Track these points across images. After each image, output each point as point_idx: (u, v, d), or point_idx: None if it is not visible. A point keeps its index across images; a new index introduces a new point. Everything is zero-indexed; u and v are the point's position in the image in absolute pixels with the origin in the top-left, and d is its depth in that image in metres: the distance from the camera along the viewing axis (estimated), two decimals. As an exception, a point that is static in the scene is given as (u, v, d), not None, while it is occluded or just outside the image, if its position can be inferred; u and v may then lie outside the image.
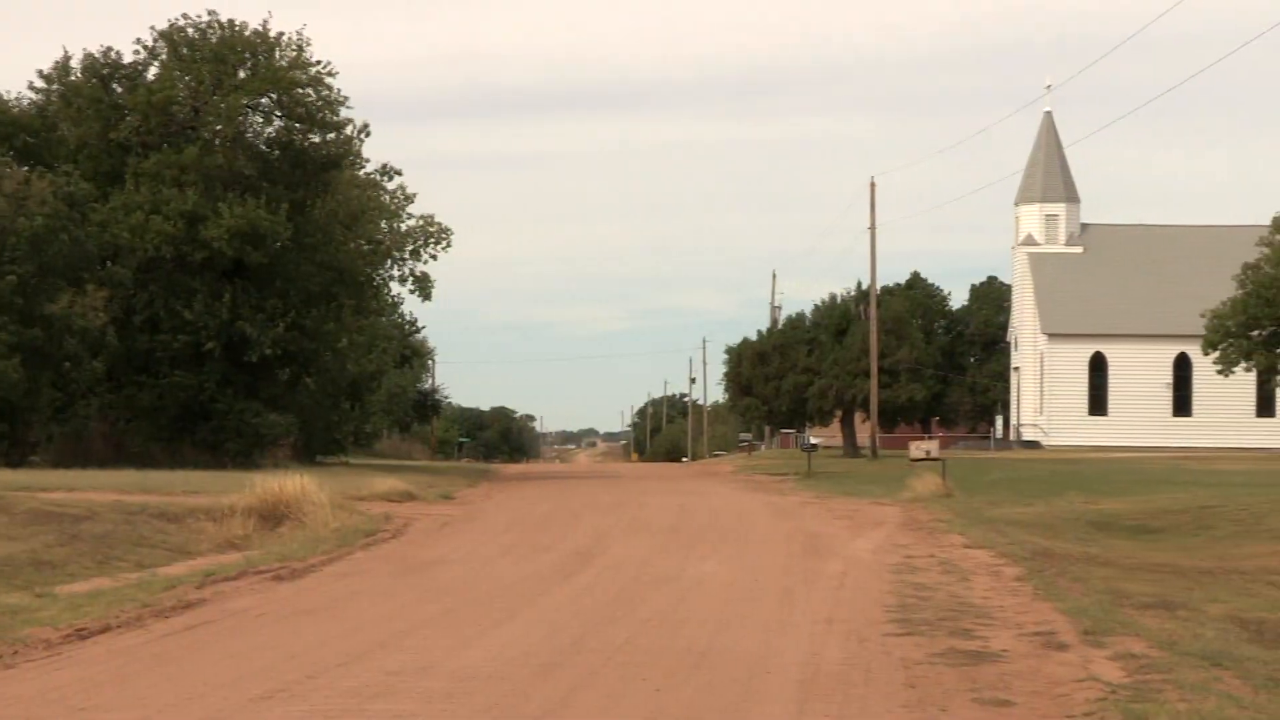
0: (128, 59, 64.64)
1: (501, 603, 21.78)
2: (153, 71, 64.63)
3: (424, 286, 78.88)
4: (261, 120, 65.30)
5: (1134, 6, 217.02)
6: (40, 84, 64.92)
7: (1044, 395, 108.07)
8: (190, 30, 64.48)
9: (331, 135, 65.53)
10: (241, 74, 63.92)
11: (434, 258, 78.64)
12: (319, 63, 64.22)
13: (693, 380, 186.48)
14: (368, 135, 66.95)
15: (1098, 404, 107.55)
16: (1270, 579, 27.13)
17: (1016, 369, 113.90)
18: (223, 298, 61.83)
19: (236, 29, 64.32)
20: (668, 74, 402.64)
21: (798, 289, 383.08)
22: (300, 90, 63.82)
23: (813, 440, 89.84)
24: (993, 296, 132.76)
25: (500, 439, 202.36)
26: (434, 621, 19.87)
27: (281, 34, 64.28)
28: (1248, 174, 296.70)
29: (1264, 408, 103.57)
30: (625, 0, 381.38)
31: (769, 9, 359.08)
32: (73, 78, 64.37)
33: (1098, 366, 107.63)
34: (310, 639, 18.55)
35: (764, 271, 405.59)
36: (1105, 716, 13.80)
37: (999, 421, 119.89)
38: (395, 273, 78.97)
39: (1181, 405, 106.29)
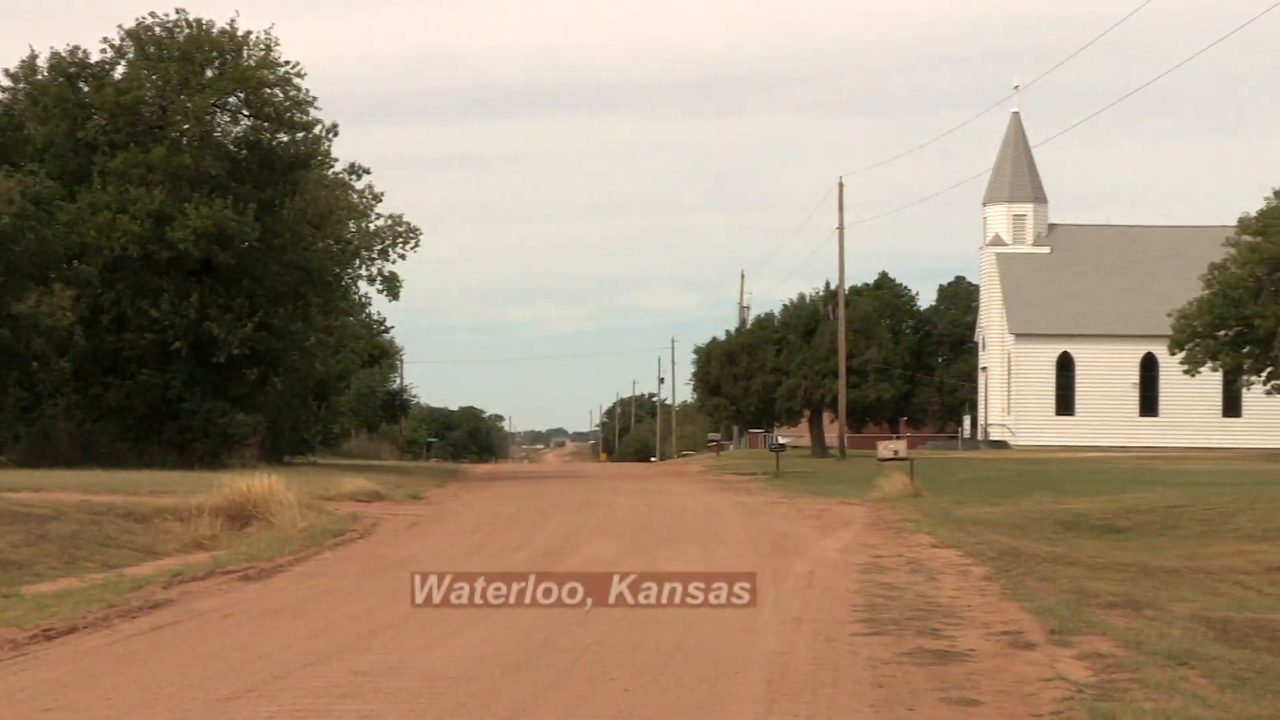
0: (95, 58, 64.55)
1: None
2: (120, 70, 64.45)
3: (392, 286, 78.85)
4: (229, 120, 65.22)
5: (1101, 8, 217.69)
6: (6, 83, 64.83)
7: (1011, 395, 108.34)
8: (158, 29, 64.35)
9: (300, 135, 65.43)
10: (209, 73, 63.77)
11: (402, 257, 78.67)
12: (287, 62, 64.22)
13: (661, 380, 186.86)
14: (336, 135, 66.98)
15: (1065, 404, 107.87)
16: (1236, 578, 27.26)
17: (984, 369, 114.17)
18: (190, 297, 61.69)
19: (204, 28, 64.18)
20: (636, 73, 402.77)
21: (766, 289, 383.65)
22: (268, 90, 63.71)
23: (781, 440, 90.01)
24: (961, 296, 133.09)
25: (469, 439, 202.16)
26: (402, 622, 19.84)
27: (249, 33, 64.28)
28: (1214, 175, 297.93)
29: (1230, 408, 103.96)
30: (592, 0, 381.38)
31: (737, 9, 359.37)
32: (39, 77, 64.17)
33: (1065, 366, 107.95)
34: (278, 639, 18.52)
35: (732, 272, 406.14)
36: (1072, 715, 13.85)
37: (967, 421, 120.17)
38: (363, 272, 78.97)
39: (1148, 405, 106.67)
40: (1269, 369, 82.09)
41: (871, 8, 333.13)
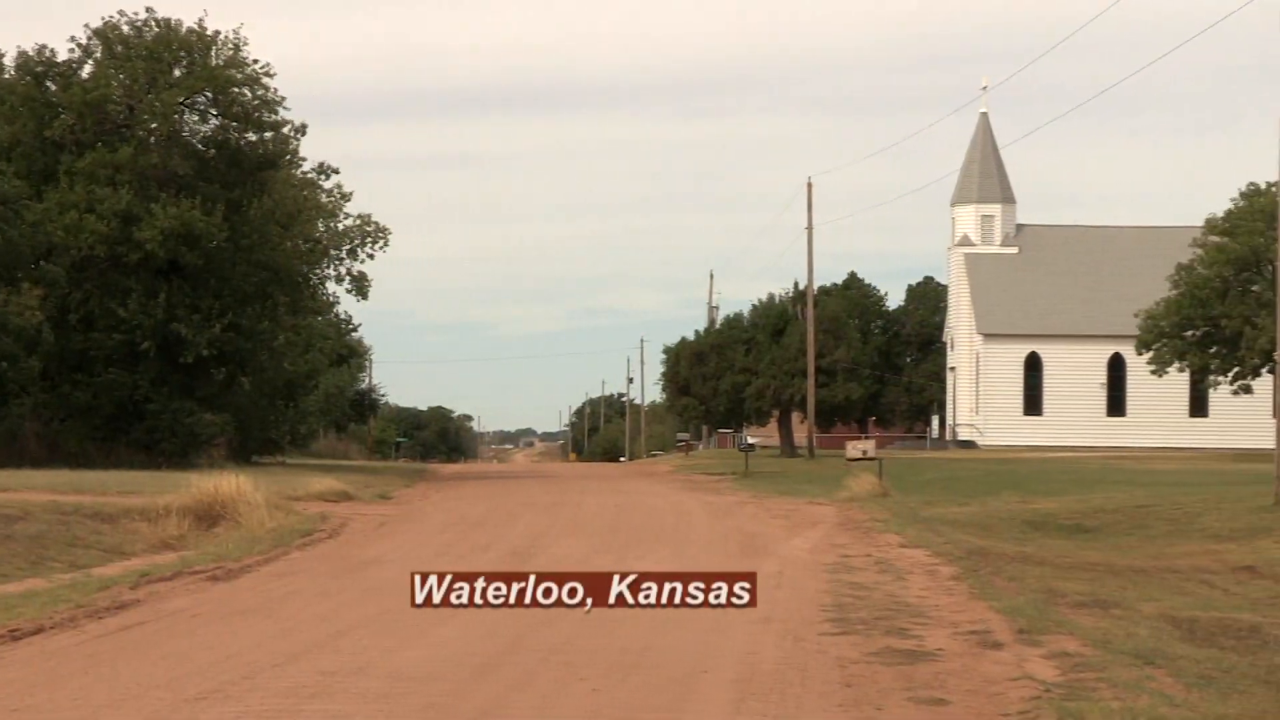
0: (62, 56, 64.31)
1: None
2: (88, 69, 64.24)
3: (361, 286, 78.64)
4: (198, 119, 65.06)
5: (1070, 8, 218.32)
6: (-28, 82, 64.44)
7: (980, 395, 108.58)
8: (125, 28, 64.16)
9: (268, 134, 65.27)
10: (177, 72, 63.60)
11: (371, 257, 78.42)
12: (256, 62, 64.05)
13: (630, 380, 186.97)
14: (304, 134, 66.86)
15: (1033, 404, 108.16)
16: (1203, 578, 27.35)
17: (952, 369, 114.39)
18: (158, 297, 61.52)
19: (172, 27, 64.00)
20: (607, 74, 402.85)
21: (735, 289, 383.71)
22: (236, 89, 63.54)
23: (750, 440, 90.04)
24: (929, 297, 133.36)
25: (438, 439, 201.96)
26: (371, 622, 19.83)
27: (218, 32, 64.09)
28: (1182, 175, 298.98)
29: (1197, 408, 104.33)
30: (564, 0, 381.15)
31: (709, 10, 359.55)
32: (6, 75, 63.90)
33: (1033, 366, 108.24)
34: (246, 639, 18.49)
35: (702, 272, 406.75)
36: (1039, 715, 13.88)
37: (935, 421, 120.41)
38: (332, 272, 78.77)
39: (1116, 405, 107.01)
40: (1235, 369, 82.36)
41: (842, 10, 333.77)
